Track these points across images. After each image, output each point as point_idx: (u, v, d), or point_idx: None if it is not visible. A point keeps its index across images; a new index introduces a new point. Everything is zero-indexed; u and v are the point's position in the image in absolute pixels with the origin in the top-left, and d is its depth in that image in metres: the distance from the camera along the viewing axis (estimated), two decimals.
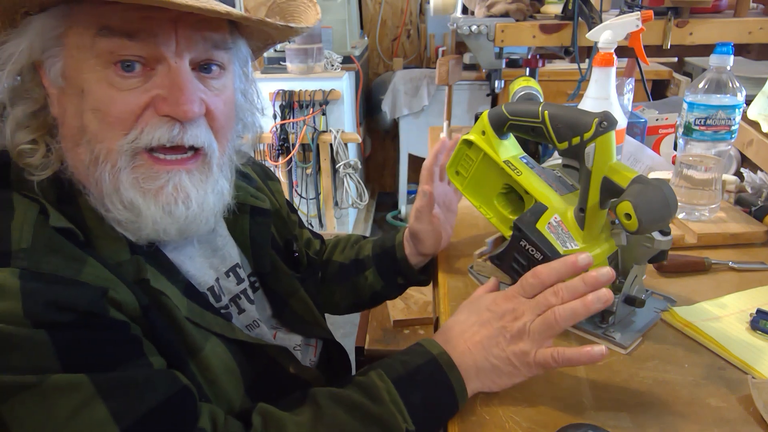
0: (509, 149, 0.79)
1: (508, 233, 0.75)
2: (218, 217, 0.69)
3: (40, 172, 0.60)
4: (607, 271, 0.61)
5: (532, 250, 0.71)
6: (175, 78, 0.59)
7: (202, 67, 0.63)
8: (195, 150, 0.63)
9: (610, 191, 0.67)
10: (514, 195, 0.80)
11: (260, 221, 0.80)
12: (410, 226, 0.90)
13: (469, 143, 0.81)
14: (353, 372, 0.93)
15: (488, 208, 0.82)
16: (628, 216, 0.64)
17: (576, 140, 0.68)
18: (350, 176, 2.71)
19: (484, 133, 0.79)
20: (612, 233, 0.72)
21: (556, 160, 0.96)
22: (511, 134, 0.79)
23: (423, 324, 1.65)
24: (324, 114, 2.64)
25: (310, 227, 1.07)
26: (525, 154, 0.80)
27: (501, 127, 0.77)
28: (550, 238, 0.71)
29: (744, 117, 1.13)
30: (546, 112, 0.70)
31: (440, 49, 3.05)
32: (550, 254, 0.70)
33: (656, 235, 0.71)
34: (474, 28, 1.33)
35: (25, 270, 0.53)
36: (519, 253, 0.73)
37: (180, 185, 0.62)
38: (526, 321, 0.62)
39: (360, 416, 0.59)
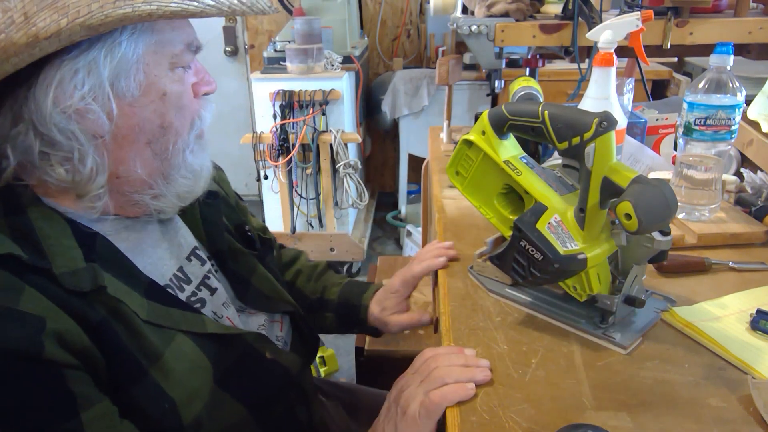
0: (509, 149, 0.79)
1: (508, 233, 0.75)
2: None
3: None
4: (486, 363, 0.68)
5: (532, 250, 0.71)
6: (198, 65, 0.72)
7: None
8: None
9: (610, 191, 0.67)
10: (514, 195, 0.80)
11: (209, 202, 0.82)
12: (387, 320, 0.97)
13: (469, 143, 0.81)
14: (319, 351, 0.98)
15: (488, 208, 0.82)
16: (628, 216, 0.64)
17: (576, 140, 0.68)
18: (350, 176, 2.71)
19: (484, 133, 0.79)
20: (612, 233, 0.72)
21: (556, 160, 0.96)
22: (511, 134, 0.79)
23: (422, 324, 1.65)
24: (324, 114, 2.64)
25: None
26: (525, 154, 0.80)
27: (501, 127, 0.77)
28: (550, 238, 0.71)
29: (744, 117, 1.13)
30: (546, 112, 0.70)
31: (440, 49, 3.04)
32: (550, 254, 0.70)
33: (656, 235, 0.71)
34: (474, 28, 1.33)
35: None
36: (519, 253, 0.73)
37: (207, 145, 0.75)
38: (417, 386, 0.68)
39: None
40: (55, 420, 0.55)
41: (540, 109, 0.71)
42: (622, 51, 1.12)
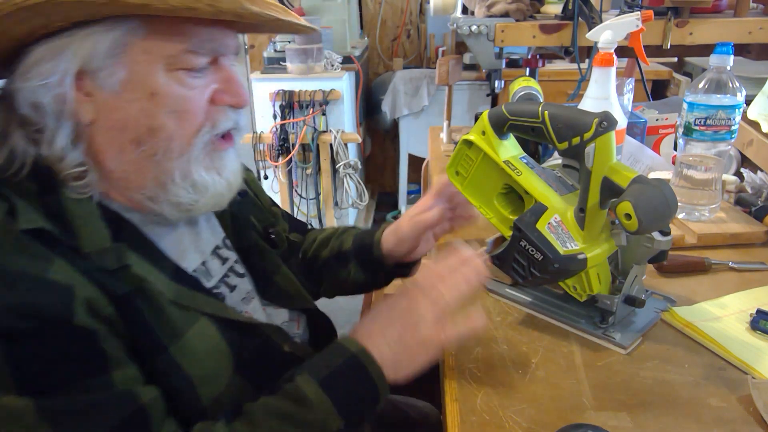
0: (509, 149, 0.79)
1: (508, 233, 0.75)
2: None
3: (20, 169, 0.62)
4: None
5: (532, 250, 0.71)
6: (228, 73, 0.68)
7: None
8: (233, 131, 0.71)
9: (610, 191, 0.67)
10: (514, 195, 0.80)
11: (239, 199, 0.82)
12: (401, 227, 0.91)
13: (469, 143, 0.81)
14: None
15: (488, 208, 0.82)
16: (628, 216, 0.64)
17: (576, 140, 0.68)
18: (350, 176, 2.71)
19: (484, 133, 0.78)
20: (612, 233, 0.72)
21: (555, 160, 0.96)
22: (511, 134, 0.79)
23: None
24: (324, 114, 2.64)
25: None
26: (525, 154, 0.80)
27: (501, 127, 0.77)
28: (550, 238, 0.71)
29: (744, 117, 1.13)
30: (546, 112, 0.70)
31: (440, 49, 3.05)
32: (550, 254, 0.70)
33: (656, 235, 0.71)
34: (474, 28, 1.33)
35: None
36: (519, 254, 0.73)
37: (232, 160, 0.71)
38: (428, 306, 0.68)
39: (294, 424, 0.62)
40: (84, 376, 0.57)
41: (540, 109, 0.71)
42: (622, 51, 1.12)
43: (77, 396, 0.56)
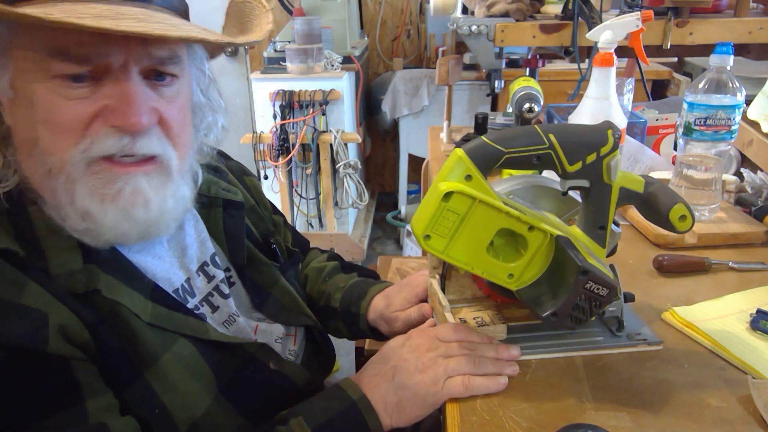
0: (493, 188, 0.66)
1: (509, 284, 0.68)
2: (179, 220, 0.70)
3: None
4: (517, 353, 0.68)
5: (598, 288, 0.64)
6: (124, 89, 0.58)
7: (156, 74, 0.62)
8: (150, 156, 0.62)
9: (627, 200, 0.67)
10: (503, 239, 0.69)
11: (233, 213, 0.81)
12: (391, 316, 0.88)
13: (448, 195, 0.63)
14: (336, 360, 0.93)
15: (478, 263, 0.67)
16: (683, 217, 0.65)
17: (591, 157, 0.63)
18: (350, 176, 2.71)
19: (469, 177, 0.63)
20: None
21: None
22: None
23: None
24: (324, 114, 2.64)
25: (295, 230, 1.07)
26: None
27: (491, 165, 0.63)
28: (600, 267, 0.64)
29: (744, 117, 1.13)
30: (551, 134, 0.63)
31: (440, 49, 3.04)
32: (612, 284, 0.64)
33: (614, 227, 0.70)
34: (474, 28, 1.33)
35: None
36: (583, 298, 0.65)
37: (138, 189, 0.61)
38: (439, 354, 0.66)
39: None
40: (60, 407, 0.55)
41: (542, 133, 0.63)
42: (622, 51, 1.12)
43: (51, 430, 0.54)
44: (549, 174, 0.70)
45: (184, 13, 0.66)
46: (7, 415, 0.53)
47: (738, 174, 1.19)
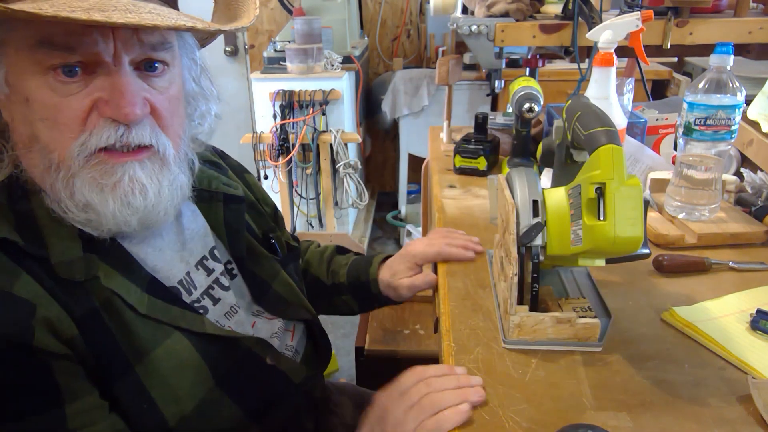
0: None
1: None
2: (177, 209, 0.70)
3: None
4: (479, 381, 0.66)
5: None
6: (116, 81, 0.59)
7: (147, 65, 0.63)
8: (144, 146, 0.63)
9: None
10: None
11: (234, 208, 0.82)
12: (398, 284, 0.94)
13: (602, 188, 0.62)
14: (336, 360, 0.95)
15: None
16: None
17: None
18: (350, 176, 2.71)
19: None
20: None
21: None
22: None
23: (423, 302, 1.66)
24: (324, 114, 2.64)
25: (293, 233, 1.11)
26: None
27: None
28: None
29: (744, 117, 1.13)
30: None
31: (440, 49, 3.04)
32: None
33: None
34: (474, 28, 1.33)
35: None
36: None
37: (135, 177, 0.62)
38: (406, 405, 0.65)
39: None
40: (37, 409, 0.55)
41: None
42: (622, 51, 1.12)
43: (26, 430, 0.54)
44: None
45: (173, 2, 0.68)
46: None
47: (738, 174, 1.19)
